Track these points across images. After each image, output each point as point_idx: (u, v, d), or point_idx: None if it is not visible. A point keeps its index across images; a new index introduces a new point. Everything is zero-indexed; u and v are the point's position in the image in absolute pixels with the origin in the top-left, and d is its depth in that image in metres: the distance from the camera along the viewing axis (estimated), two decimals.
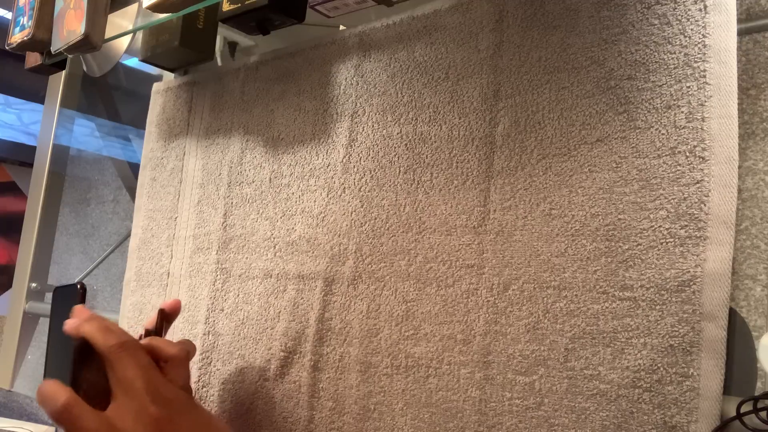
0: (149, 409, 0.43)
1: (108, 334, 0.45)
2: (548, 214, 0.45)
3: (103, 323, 0.46)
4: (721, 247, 0.38)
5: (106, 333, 0.45)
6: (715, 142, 0.39)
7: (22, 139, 2.31)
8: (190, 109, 0.73)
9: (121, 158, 1.47)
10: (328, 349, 0.55)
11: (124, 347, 0.45)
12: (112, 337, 0.45)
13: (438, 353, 0.48)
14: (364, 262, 0.54)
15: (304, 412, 0.55)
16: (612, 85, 0.44)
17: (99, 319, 0.47)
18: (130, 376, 0.44)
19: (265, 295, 0.60)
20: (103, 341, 0.45)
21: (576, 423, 0.42)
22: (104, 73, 1.08)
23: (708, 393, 0.38)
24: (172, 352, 0.49)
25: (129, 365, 0.44)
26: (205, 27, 0.70)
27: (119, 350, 0.44)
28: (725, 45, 0.40)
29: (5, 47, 0.64)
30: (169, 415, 0.44)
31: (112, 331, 0.46)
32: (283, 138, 0.63)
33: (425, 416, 0.48)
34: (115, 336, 0.45)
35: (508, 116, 0.48)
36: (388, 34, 0.56)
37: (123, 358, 0.44)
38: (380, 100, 0.56)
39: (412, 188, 0.52)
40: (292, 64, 0.64)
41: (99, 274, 1.36)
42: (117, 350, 0.44)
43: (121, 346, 0.44)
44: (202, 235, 0.68)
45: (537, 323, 0.44)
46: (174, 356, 0.49)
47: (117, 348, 0.44)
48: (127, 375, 0.44)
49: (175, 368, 0.49)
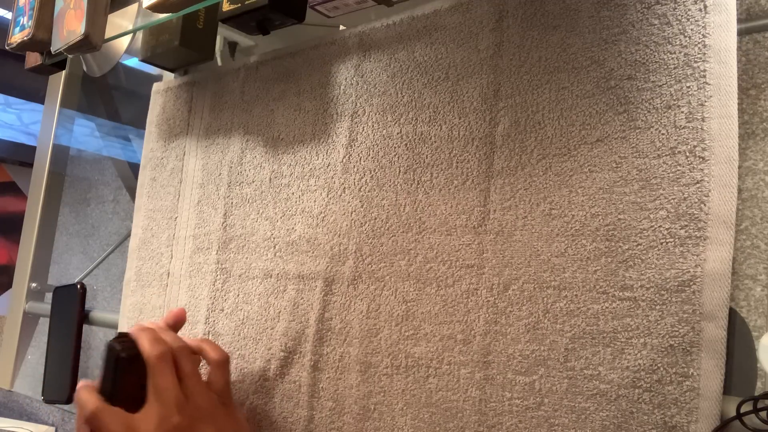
0: (173, 418, 0.48)
1: (156, 344, 0.50)
2: (548, 214, 0.45)
3: (155, 334, 0.51)
4: (721, 247, 0.38)
5: (155, 343, 0.50)
6: (715, 142, 0.39)
7: (22, 139, 2.31)
8: (190, 109, 0.73)
9: (121, 158, 1.47)
10: (328, 349, 0.55)
11: (164, 358, 0.49)
12: (158, 347, 0.50)
13: (438, 353, 0.48)
14: (364, 262, 0.54)
15: (304, 412, 0.55)
16: (612, 85, 0.44)
17: (151, 330, 0.51)
18: (165, 385, 0.49)
19: (265, 295, 0.60)
20: (149, 350, 0.49)
21: (576, 423, 0.42)
22: (104, 73, 1.08)
23: (708, 393, 0.38)
24: (215, 356, 0.54)
25: (165, 374, 0.49)
26: (205, 27, 0.70)
27: (159, 360, 0.49)
28: (725, 45, 0.40)
29: (5, 47, 0.63)
30: (192, 423, 0.49)
31: (159, 342, 0.50)
32: (283, 138, 0.63)
33: (425, 416, 0.48)
34: (162, 346, 0.50)
35: (508, 116, 0.48)
36: (388, 34, 0.56)
37: (162, 368, 0.49)
38: (380, 100, 0.56)
39: (412, 188, 0.52)
40: (292, 64, 0.64)
41: (99, 274, 1.36)
42: (159, 360, 0.49)
43: (160, 357, 0.49)
44: (202, 235, 0.68)
45: (537, 323, 0.44)
46: (217, 360, 0.53)
47: (159, 357, 0.49)
48: (162, 383, 0.49)
49: (216, 371, 0.53)
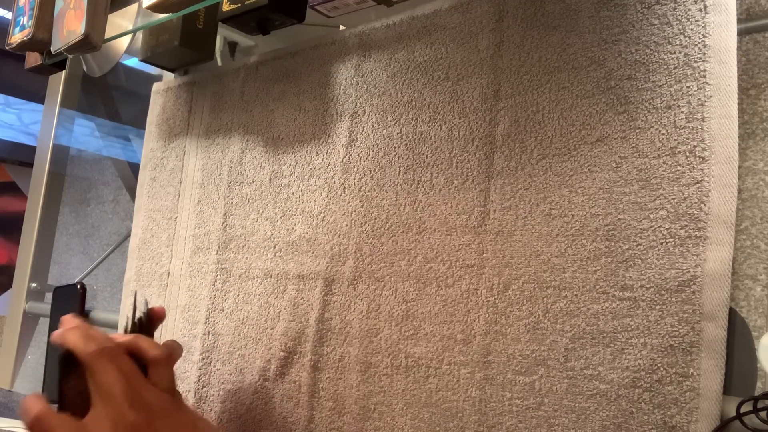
0: (127, 416, 0.43)
1: (88, 341, 0.45)
2: (548, 214, 0.45)
3: (85, 331, 0.46)
4: (721, 247, 0.38)
5: (87, 340, 0.45)
6: (715, 142, 0.39)
7: (22, 139, 2.31)
8: (190, 109, 0.73)
9: (121, 158, 1.47)
10: (328, 349, 0.55)
11: (103, 353, 0.44)
12: (92, 344, 0.45)
13: (438, 353, 0.48)
14: (364, 262, 0.54)
15: (304, 412, 0.55)
16: (612, 85, 0.44)
17: (82, 327, 0.46)
18: (108, 382, 0.44)
19: (265, 295, 0.60)
20: (83, 348, 0.45)
21: (576, 423, 0.42)
22: (104, 73, 1.08)
23: (708, 393, 0.38)
24: (154, 353, 0.48)
25: (107, 371, 0.44)
26: (205, 27, 0.70)
27: (98, 357, 0.44)
28: (725, 45, 0.40)
29: (5, 47, 0.63)
30: (149, 420, 0.44)
31: (93, 338, 0.45)
32: (283, 138, 0.63)
33: (425, 416, 0.48)
34: (96, 343, 0.45)
35: (508, 116, 0.48)
36: (388, 34, 0.56)
37: (102, 365, 0.44)
38: (380, 100, 0.56)
39: (412, 188, 0.52)
40: (292, 64, 0.64)
41: (99, 274, 1.36)
42: (95, 357, 0.44)
43: (99, 353, 0.44)
44: (202, 235, 0.68)
45: (537, 323, 0.44)
46: (156, 358, 0.48)
47: (95, 354, 0.44)
48: (105, 381, 0.44)
49: (159, 370, 0.48)
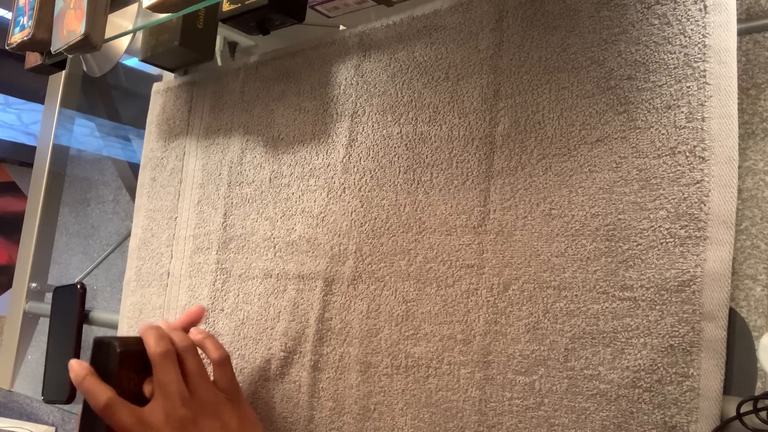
0: (178, 410, 0.50)
1: (159, 342, 0.52)
2: (548, 214, 0.45)
3: (159, 332, 0.52)
4: (721, 247, 0.38)
5: (158, 340, 0.52)
6: (715, 142, 0.39)
7: (22, 139, 2.31)
8: (190, 109, 0.73)
9: (121, 158, 1.47)
10: (328, 349, 0.55)
11: (167, 355, 0.51)
12: (159, 345, 0.51)
13: (438, 353, 0.48)
14: (364, 262, 0.54)
15: (304, 412, 0.55)
16: (612, 85, 0.44)
17: (157, 328, 0.53)
18: (167, 380, 0.50)
19: (265, 295, 0.60)
20: (153, 348, 0.51)
21: (576, 423, 0.42)
22: (104, 73, 1.08)
23: (708, 393, 0.38)
24: (214, 356, 0.54)
25: (168, 371, 0.51)
26: (205, 27, 0.70)
27: (163, 358, 0.51)
28: (725, 45, 0.40)
29: (5, 47, 0.63)
30: (194, 417, 0.50)
31: (163, 340, 0.52)
32: (283, 138, 0.63)
33: (425, 416, 0.48)
34: (163, 344, 0.52)
35: (508, 116, 0.48)
36: (388, 34, 0.56)
37: (165, 365, 0.51)
38: (380, 100, 0.56)
39: (412, 188, 0.52)
40: (292, 64, 0.64)
41: (99, 274, 1.36)
42: (161, 357, 0.51)
43: (164, 355, 0.51)
44: (202, 235, 0.68)
45: (537, 323, 0.44)
46: (218, 359, 0.54)
47: (161, 355, 0.51)
48: (164, 379, 0.50)
49: (218, 370, 0.54)
